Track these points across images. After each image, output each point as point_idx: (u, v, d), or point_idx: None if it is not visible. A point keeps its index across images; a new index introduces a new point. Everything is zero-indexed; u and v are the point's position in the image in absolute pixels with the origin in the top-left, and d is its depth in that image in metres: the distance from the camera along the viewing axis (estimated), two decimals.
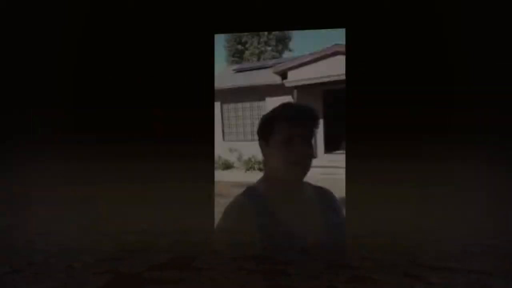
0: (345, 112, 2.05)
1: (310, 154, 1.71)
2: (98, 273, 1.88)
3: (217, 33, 2.18)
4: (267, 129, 1.72)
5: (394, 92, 4.75)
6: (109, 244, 2.45)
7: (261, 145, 1.76)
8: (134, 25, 5.03)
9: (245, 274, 1.84)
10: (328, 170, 2.35)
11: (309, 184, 1.82)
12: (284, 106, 1.78)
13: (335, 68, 2.52)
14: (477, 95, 4.59)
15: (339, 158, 2.56)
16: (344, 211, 1.85)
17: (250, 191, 1.76)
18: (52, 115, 5.23)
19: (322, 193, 1.83)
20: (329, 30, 2.06)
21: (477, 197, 4.17)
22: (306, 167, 1.71)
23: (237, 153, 2.28)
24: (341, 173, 2.19)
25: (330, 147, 2.73)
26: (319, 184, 1.87)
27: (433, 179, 4.56)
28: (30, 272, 1.92)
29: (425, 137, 4.76)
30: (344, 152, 2.39)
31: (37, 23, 5.09)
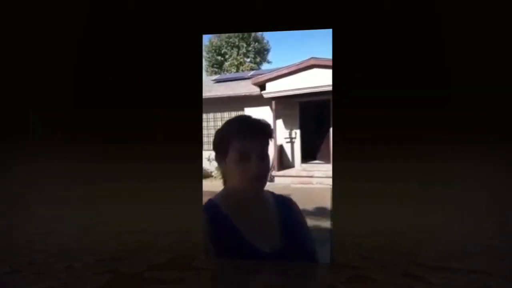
0: (335, 111, 2.07)
1: (266, 169, 1.77)
2: (98, 273, 1.88)
3: (205, 33, 2.20)
4: (223, 146, 1.76)
5: (393, 92, 4.75)
6: (109, 244, 2.45)
7: (217, 159, 1.82)
8: (134, 26, 5.03)
9: (245, 274, 1.84)
10: (303, 179, 2.42)
11: (270, 193, 1.86)
12: (237, 122, 1.82)
13: (311, 81, 2.57)
14: (477, 96, 4.60)
15: (315, 168, 2.64)
16: (304, 218, 1.85)
17: (209, 202, 1.83)
18: (52, 115, 5.23)
19: (281, 201, 1.86)
20: (308, 40, 2.08)
21: (477, 197, 4.17)
22: (263, 181, 1.78)
23: (215, 163, 2.32)
24: (315, 182, 2.29)
25: (306, 157, 2.84)
26: (296, 192, 1.95)
27: (433, 179, 4.57)
28: (30, 272, 1.92)
29: (425, 137, 4.76)
30: (321, 162, 2.46)
31: (37, 23, 5.09)
